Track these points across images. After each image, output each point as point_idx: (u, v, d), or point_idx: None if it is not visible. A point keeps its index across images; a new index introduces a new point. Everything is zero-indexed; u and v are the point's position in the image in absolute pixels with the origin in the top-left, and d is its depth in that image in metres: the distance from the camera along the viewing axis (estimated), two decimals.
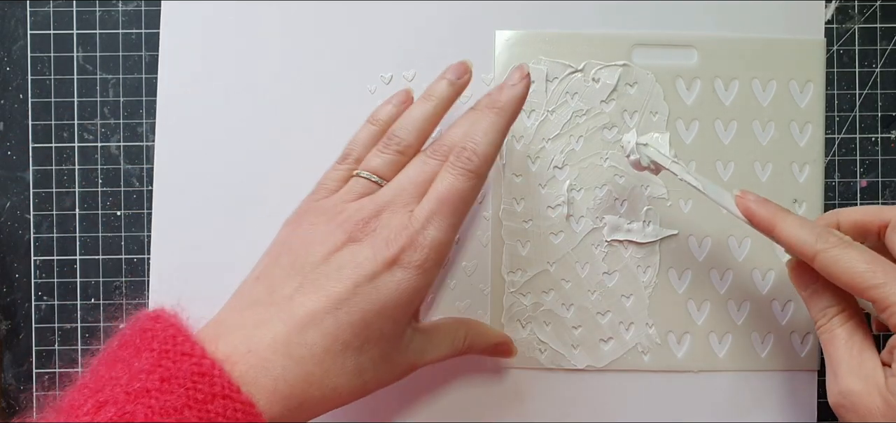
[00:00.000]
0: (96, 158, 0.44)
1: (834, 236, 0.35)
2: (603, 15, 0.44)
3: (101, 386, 0.30)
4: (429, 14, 0.44)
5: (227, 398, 0.29)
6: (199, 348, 0.30)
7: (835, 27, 0.44)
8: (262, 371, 0.31)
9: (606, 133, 0.43)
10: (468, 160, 0.35)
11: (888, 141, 0.45)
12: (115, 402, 0.29)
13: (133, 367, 0.30)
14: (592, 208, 0.43)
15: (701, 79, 0.44)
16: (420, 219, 0.34)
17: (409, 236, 0.33)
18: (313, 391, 0.32)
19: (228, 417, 0.29)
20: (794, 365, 0.44)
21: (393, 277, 0.33)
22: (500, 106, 0.36)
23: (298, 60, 0.44)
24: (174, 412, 0.28)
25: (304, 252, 0.34)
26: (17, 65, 0.45)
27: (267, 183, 0.44)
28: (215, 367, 0.30)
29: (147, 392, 0.29)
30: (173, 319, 0.31)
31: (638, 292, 0.44)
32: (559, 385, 0.44)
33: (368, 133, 0.39)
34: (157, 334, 0.31)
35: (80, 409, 0.29)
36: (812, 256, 0.35)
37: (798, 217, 0.36)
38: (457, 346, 0.39)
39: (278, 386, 0.31)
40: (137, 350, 0.30)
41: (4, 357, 0.44)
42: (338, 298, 0.32)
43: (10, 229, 0.44)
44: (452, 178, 0.34)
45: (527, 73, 0.36)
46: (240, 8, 0.44)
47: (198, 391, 0.29)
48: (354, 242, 0.34)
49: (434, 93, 0.38)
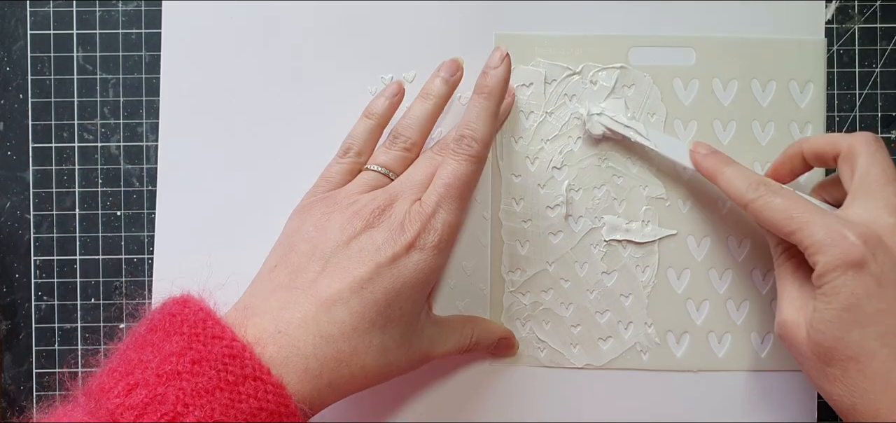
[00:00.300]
0: (96, 158, 0.45)
1: (763, 186, 0.37)
2: (601, 16, 0.44)
3: (132, 369, 0.30)
4: (429, 16, 0.44)
5: (258, 381, 0.30)
6: (229, 332, 0.31)
7: (835, 27, 0.44)
8: (293, 350, 0.32)
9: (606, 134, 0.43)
10: (468, 146, 0.37)
11: (888, 141, 0.45)
12: (145, 384, 0.29)
13: (163, 350, 0.30)
14: (591, 208, 0.44)
15: (699, 79, 0.44)
16: (430, 204, 0.36)
17: (422, 221, 0.35)
18: (342, 369, 0.33)
19: (259, 398, 0.30)
20: (793, 365, 0.44)
21: (411, 259, 0.35)
22: (488, 90, 0.38)
23: (300, 62, 0.44)
24: (205, 394, 0.29)
25: (322, 239, 0.35)
26: (17, 65, 0.45)
27: (268, 183, 0.44)
28: (245, 349, 0.30)
29: (178, 375, 0.29)
30: (201, 303, 0.32)
31: (636, 292, 0.44)
32: (558, 384, 0.44)
33: (365, 127, 0.40)
34: (187, 319, 0.31)
35: (111, 391, 0.29)
36: (745, 205, 0.38)
37: (739, 168, 0.39)
38: (464, 341, 0.40)
39: (309, 365, 0.32)
40: (167, 334, 0.31)
41: (4, 357, 0.44)
42: (361, 279, 0.34)
43: (10, 229, 0.45)
44: (456, 163, 0.37)
45: (505, 53, 0.39)
46: (240, 8, 0.44)
47: (228, 373, 0.30)
48: (371, 228, 0.35)
49: (431, 91, 0.41)
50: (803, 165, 0.40)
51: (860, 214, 0.35)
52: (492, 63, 0.39)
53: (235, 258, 0.39)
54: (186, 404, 0.29)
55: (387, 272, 0.34)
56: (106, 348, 0.44)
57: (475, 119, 0.38)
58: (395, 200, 0.36)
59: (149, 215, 0.44)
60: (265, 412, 0.30)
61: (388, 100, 0.41)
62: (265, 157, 0.44)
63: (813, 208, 0.35)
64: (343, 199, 0.37)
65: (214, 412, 0.29)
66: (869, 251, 0.33)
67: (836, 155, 0.37)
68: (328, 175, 0.39)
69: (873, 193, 0.35)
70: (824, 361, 0.34)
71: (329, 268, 0.34)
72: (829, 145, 0.38)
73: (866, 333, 0.33)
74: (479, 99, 0.38)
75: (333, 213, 0.36)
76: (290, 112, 0.44)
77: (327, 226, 0.36)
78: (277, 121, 0.44)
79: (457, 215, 0.36)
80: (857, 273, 0.33)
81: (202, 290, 0.33)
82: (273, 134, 0.44)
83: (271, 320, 0.32)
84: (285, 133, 0.44)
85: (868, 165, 0.36)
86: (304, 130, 0.44)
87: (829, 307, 0.34)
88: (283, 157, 0.44)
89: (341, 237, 0.35)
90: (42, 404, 0.44)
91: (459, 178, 0.36)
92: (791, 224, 0.35)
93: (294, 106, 0.44)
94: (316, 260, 0.35)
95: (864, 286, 0.33)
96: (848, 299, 0.33)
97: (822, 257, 0.34)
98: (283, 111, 0.44)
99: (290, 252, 0.36)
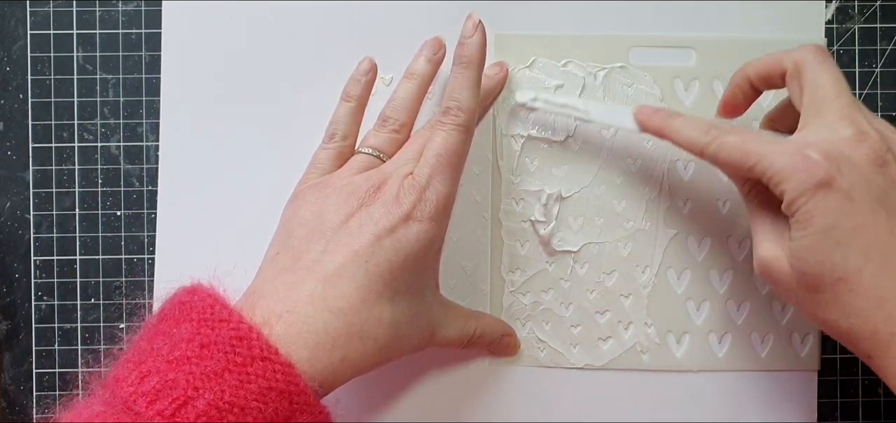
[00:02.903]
0: (96, 158, 0.45)
1: (715, 129, 0.36)
2: (601, 16, 0.44)
3: (144, 358, 0.31)
4: (429, 16, 0.44)
5: (267, 361, 0.30)
6: (236, 315, 0.31)
7: (835, 27, 0.44)
8: (303, 327, 0.32)
9: (604, 133, 0.43)
10: (455, 116, 0.37)
11: None
12: (157, 371, 0.30)
13: (173, 337, 0.31)
14: (591, 209, 0.44)
15: (699, 79, 0.44)
16: (423, 176, 0.36)
17: (416, 193, 0.36)
18: (355, 342, 0.33)
19: (268, 378, 0.30)
20: (793, 365, 0.44)
21: (409, 230, 0.35)
22: (467, 59, 0.38)
23: (300, 62, 0.44)
24: (214, 377, 0.30)
25: (320, 221, 0.36)
26: (17, 65, 0.45)
27: (268, 183, 0.44)
28: (252, 331, 0.31)
29: (187, 359, 0.30)
30: (210, 290, 0.33)
31: (636, 292, 0.44)
32: (558, 383, 0.44)
33: (346, 110, 0.41)
34: (195, 305, 0.32)
35: (126, 381, 0.30)
36: (700, 151, 0.36)
37: (687, 117, 0.38)
38: (468, 332, 0.40)
39: (321, 340, 0.32)
40: (177, 322, 0.32)
41: (4, 357, 0.44)
42: (363, 251, 0.34)
43: (10, 229, 0.45)
44: (445, 134, 0.37)
45: (477, 20, 0.39)
46: (240, 8, 0.44)
47: (237, 354, 0.30)
48: (368, 205, 0.36)
49: (416, 71, 0.41)
50: (753, 92, 0.39)
51: (817, 131, 0.34)
52: (466, 32, 0.39)
53: (238, 257, 0.39)
54: (196, 387, 0.29)
55: (388, 243, 0.35)
56: (106, 348, 0.44)
57: (458, 89, 0.38)
58: (388, 178, 0.37)
59: (149, 214, 0.44)
60: (274, 391, 0.30)
61: (363, 77, 0.41)
62: (265, 157, 0.44)
63: (769, 137, 0.35)
64: (337, 181, 0.38)
65: (224, 393, 0.29)
66: (834, 167, 0.32)
67: (782, 73, 0.36)
68: (317, 162, 0.40)
69: (826, 107, 0.34)
70: (813, 289, 0.33)
71: (331, 246, 0.35)
72: (774, 63, 0.37)
73: (849, 251, 0.32)
74: (459, 69, 0.38)
75: (329, 196, 0.37)
76: (290, 112, 0.44)
77: (324, 209, 0.36)
78: (278, 121, 0.44)
79: (449, 186, 0.37)
80: (827, 193, 0.32)
81: (212, 278, 0.34)
82: (273, 134, 0.44)
83: (278, 301, 0.33)
84: (285, 133, 0.44)
85: (816, 78, 0.34)
86: (305, 130, 0.44)
87: (805, 234, 0.32)
88: (284, 157, 0.44)
89: (339, 217, 0.36)
90: (42, 404, 0.44)
91: (449, 148, 0.37)
92: (749, 159, 0.34)
93: (294, 106, 0.44)
94: (317, 241, 0.35)
95: (837, 204, 0.32)
96: (822, 220, 0.32)
97: (788, 185, 0.33)
98: (283, 111, 0.44)
99: (290, 238, 0.36)
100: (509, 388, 0.44)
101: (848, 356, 0.44)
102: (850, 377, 0.44)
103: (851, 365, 0.44)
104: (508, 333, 0.43)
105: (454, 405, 0.44)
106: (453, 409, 0.44)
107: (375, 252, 0.34)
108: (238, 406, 0.29)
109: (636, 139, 0.43)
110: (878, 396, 0.45)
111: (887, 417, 0.44)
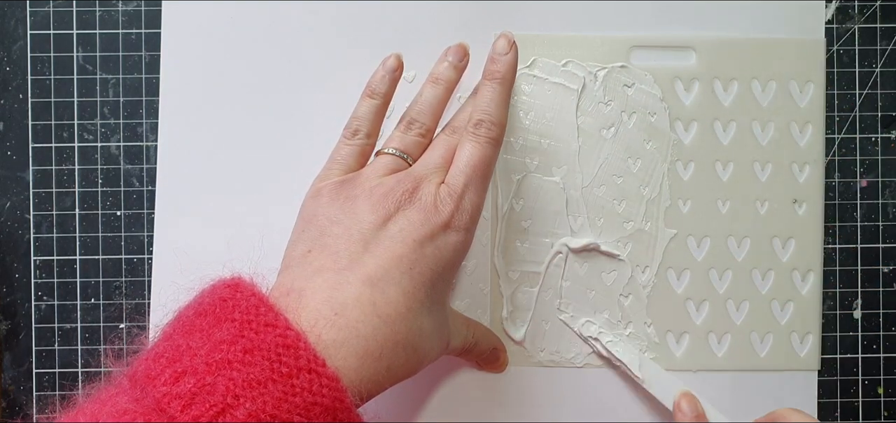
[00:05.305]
0: (96, 158, 0.45)
1: None
2: (601, 17, 0.44)
3: (179, 356, 0.29)
4: (429, 15, 0.44)
5: (313, 373, 0.28)
6: (282, 319, 0.29)
7: (835, 27, 0.44)
8: (352, 333, 0.31)
9: (605, 133, 0.43)
10: (488, 129, 0.37)
11: (888, 141, 0.45)
12: (194, 372, 0.28)
13: (213, 337, 0.29)
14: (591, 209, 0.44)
15: (700, 80, 0.44)
16: (459, 186, 0.36)
17: (454, 201, 0.35)
18: (399, 352, 0.32)
19: (314, 393, 0.28)
20: (793, 365, 0.44)
21: (448, 238, 0.35)
22: (501, 76, 0.39)
23: (300, 62, 0.44)
24: (257, 386, 0.28)
25: (354, 221, 0.34)
26: (17, 65, 0.45)
27: (268, 183, 0.44)
28: (300, 339, 0.29)
29: (229, 364, 0.28)
30: (254, 288, 0.31)
31: (636, 292, 0.44)
32: (558, 383, 0.44)
33: (370, 107, 0.39)
34: (238, 304, 0.30)
35: (158, 378, 0.28)
36: None
37: None
38: (467, 340, 0.40)
39: (369, 347, 0.31)
40: (217, 320, 0.30)
41: (4, 357, 0.44)
42: (407, 257, 0.33)
43: (10, 229, 0.45)
44: (479, 146, 0.37)
45: (512, 40, 0.39)
46: (240, 8, 0.44)
47: (282, 364, 0.28)
48: (405, 209, 0.35)
49: (441, 76, 0.40)
50: None
51: None
52: (501, 49, 0.39)
53: (238, 256, 0.39)
54: (237, 395, 0.27)
55: (429, 252, 0.34)
56: (106, 348, 0.44)
57: (489, 103, 0.38)
58: (421, 182, 0.36)
59: (149, 215, 0.44)
60: (319, 407, 0.28)
61: (389, 74, 0.40)
62: (265, 157, 0.44)
63: None
64: (365, 182, 0.36)
65: (267, 405, 0.27)
66: None
67: None
68: (340, 158, 0.38)
69: None
70: None
71: (372, 247, 0.33)
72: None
73: None
74: (492, 84, 0.38)
75: (359, 196, 0.35)
76: (290, 112, 0.44)
77: (355, 208, 0.35)
78: (278, 121, 0.44)
79: (481, 196, 0.37)
80: None
81: (253, 273, 0.32)
82: (273, 134, 0.44)
83: (325, 302, 0.31)
84: (285, 134, 0.44)
85: None
86: (305, 130, 0.44)
87: None
88: (284, 157, 0.44)
89: (375, 218, 0.34)
90: (42, 404, 0.44)
91: (483, 160, 0.37)
92: None
93: (294, 106, 0.44)
94: (354, 241, 0.34)
95: None
96: None
97: None
98: (283, 111, 0.44)
99: (323, 236, 0.34)
100: (509, 388, 0.44)
101: (848, 355, 0.44)
102: (850, 377, 0.44)
103: (851, 365, 0.44)
104: (501, 347, 0.43)
105: (454, 405, 0.44)
106: (453, 409, 0.44)
107: (419, 259, 0.33)
108: (279, 420, 0.27)
109: (636, 139, 0.43)
110: (878, 396, 0.45)
111: (887, 417, 0.44)
